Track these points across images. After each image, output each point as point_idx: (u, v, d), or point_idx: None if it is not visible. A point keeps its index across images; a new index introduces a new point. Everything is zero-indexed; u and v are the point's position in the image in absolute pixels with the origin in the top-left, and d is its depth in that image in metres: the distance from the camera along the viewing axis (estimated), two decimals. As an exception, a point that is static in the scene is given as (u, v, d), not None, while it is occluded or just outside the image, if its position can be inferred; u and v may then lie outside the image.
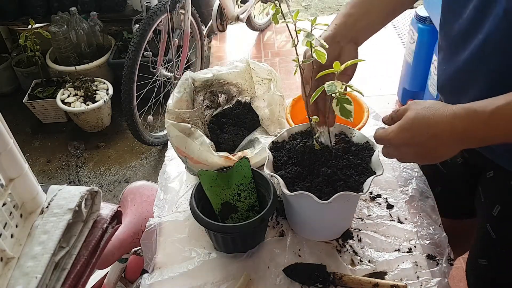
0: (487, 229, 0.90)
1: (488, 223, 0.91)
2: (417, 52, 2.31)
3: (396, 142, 0.73)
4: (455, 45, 0.83)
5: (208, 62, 3.26)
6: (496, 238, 0.89)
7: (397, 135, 0.71)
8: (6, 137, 0.68)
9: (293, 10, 0.76)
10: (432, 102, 0.70)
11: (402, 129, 0.71)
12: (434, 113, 0.68)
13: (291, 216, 0.91)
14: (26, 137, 2.74)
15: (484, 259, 0.94)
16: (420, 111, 0.69)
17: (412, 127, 0.70)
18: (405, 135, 0.71)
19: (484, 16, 0.73)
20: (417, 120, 0.69)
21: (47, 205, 0.77)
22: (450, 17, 0.84)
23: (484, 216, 0.93)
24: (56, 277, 0.70)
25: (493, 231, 0.89)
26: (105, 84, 2.69)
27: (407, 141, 0.71)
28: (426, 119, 0.68)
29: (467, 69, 0.80)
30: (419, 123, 0.69)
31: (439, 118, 0.67)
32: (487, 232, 0.90)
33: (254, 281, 0.84)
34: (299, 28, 0.75)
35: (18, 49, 3.02)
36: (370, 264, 0.85)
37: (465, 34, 0.79)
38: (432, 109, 0.69)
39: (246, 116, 1.10)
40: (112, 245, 1.06)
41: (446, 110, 0.67)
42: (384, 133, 0.74)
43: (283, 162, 0.85)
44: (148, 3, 2.42)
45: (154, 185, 1.25)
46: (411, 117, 0.70)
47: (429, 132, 0.68)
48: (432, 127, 0.67)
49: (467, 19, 0.77)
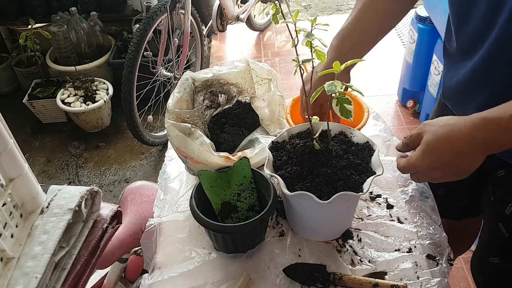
0: (498, 228, 0.90)
1: (500, 222, 0.90)
2: (417, 52, 2.31)
3: (423, 168, 0.73)
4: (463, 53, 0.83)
5: (208, 62, 3.26)
6: (510, 236, 0.89)
7: (423, 162, 0.72)
8: (6, 137, 0.68)
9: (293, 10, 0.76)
10: (445, 119, 0.70)
11: (425, 154, 0.71)
12: (452, 129, 0.68)
13: (291, 216, 0.91)
14: (26, 137, 2.74)
15: (496, 257, 0.94)
16: (437, 131, 0.69)
17: (434, 150, 0.70)
18: (429, 160, 0.71)
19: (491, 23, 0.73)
20: (437, 141, 0.69)
21: (47, 205, 0.77)
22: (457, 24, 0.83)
23: (495, 215, 0.92)
24: (56, 277, 0.70)
25: (506, 230, 0.89)
26: (105, 84, 2.69)
27: (434, 164, 0.71)
28: (446, 138, 0.68)
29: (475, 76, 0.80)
30: (441, 144, 0.69)
31: (458, 134, 0.67)
32: (499, 231, 0.90)
33: (254, 281, 0.84)
34: (299, 28, 0.75)
35: (18, 49, 3.02)
36: (370, 264, 0.85)
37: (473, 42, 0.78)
38: (448, 126, 0.69)
39: (246, 116, 1.10)
40: (112, 245, 1.06)
41: (463, 124, 0.67)
42: (408, 163, 0.74)
43: (283, 162, 0.85)
44: (148, 3, 2.41)
45: (154, 185, 1.24)
46: (430, 140, 0.70)
47: (452, 150, 0.68)
48: (454, 144, 0.67)
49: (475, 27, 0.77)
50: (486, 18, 0.73)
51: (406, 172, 0.78)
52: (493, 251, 0.95)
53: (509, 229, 0.89)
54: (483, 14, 0.74)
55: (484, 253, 0.98)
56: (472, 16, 0.77)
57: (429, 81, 2.26)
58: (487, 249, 0.97)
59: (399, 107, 2.68)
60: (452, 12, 0.84)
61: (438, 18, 1.96)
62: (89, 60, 2.79)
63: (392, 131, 1.17)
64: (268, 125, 1.09)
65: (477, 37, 0.77)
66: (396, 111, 2.66)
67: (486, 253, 0.97)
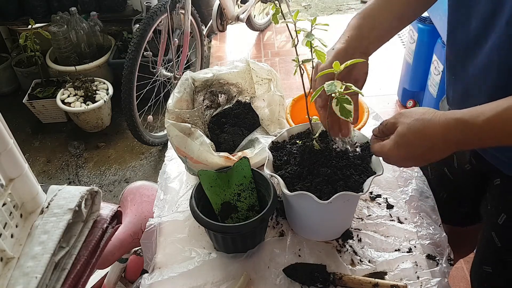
0: (492, 237, 0.90)
1: (493, 231, 0.90)
2: (417, 52, 2.31)
3: (395, 158, 0.74)
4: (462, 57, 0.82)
5: (208, 62, 3.26)
6: (501, 246, 0.89)
7: (394, 152, 0.73)
8: (6, 137, 0.68)
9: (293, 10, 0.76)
10: (420, 112, 0.70)
11: (398, 145, 0.72)
12: (426, 125, 0.68)
13: (291, 216, 0.91)
14: (26, 137, 2.74)
15: (488, 266, 0.94)
16: (411, 124, 0.70)
17: (407, 143, 0.71)
18: (402, 151, 0.72)
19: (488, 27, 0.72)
20: (411, 134, 0.70)
21: (47, 205, 0.77)
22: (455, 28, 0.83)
23: (490, 223, 0.93)
24: (56, 277, 0.70)
25: (498, 239, 0.89)
26: (105, 84, 2.69)
27: (406, 156, 0.72)
28: (419, 133, 0.69)
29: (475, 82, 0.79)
30: (414, 138, 0.70)
31: (432, 131, 0.68)
32: (492, 240, 0.90)
33: (254, 281, 0.84)
34: (299, 28, 0.75)
35: (18, 49, 3.01)
36: (370, 264, 0.85)
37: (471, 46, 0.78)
38: (423, 121, 0.69)
39: (246, 116, 1.10)
40: (112, 245, 1.06)
41: (438, 121, 0.67)
42: (381, 149, 0.76)
43: (283, 162, 0.85)
44: (148, 3, 2.41)
45: (154, 185, 1.24)
46: (404, 133, 0.71)
47: (426, 145, 0.69)
48: (427, 140, 0.68)
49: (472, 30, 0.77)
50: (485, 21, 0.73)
51: (379, 156, 0.79)
52: (486, 260, 0.95)
53: (501, 239, 0.89)
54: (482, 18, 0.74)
55: (478, 261, 0.99)
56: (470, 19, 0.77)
57: (429, 81, 2.26)
58: (481, 257, 0.98)
59: (399, 107, 2.68)
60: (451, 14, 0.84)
61: (438, 18, 1.96)
62: (89, 60, 2.79)
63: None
64: (268, 125, 1.09)
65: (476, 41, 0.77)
66: (396, 111, 2.66)
67: (480, 261, 0.98)
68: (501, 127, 0.63)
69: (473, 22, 0.76)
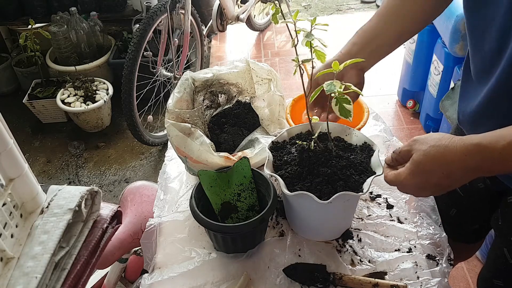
0: (504, 253, 0.89)
1: (505, 247, 0.89)
2: (417, 52, 2.31)
3: (411, 187, 0.72)
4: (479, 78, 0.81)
5: (208, 62, 3.26)
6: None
7: (410, 181, 0.70)
8: (6, 137, 0.68)
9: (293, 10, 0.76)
10: (436, 138, 0.68)
11: (414, 174, 0.69)
12: (443, 152, 0.66)
13: (291, 216, 0.91)
14: (26, 137, 2.74)
15: (500, 280, 0.93)
16: (428, 151, 0.67)
17: (424, 171, 0.68)
18: (418, 180, 0.69)
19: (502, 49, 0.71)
20: (428, 162, 0.67)
21: (47, 205, 0.77)
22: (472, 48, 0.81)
23: (502, 239, 0.92)
24: (56, 277, 0.70)
25: (510, 255, 0.88)
26: (105, 84, 2.69)
27: (422, 185, 0.70)
28: (437, 160, 0.66)
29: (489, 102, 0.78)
30: (431, 166, 0.67)
31: (450, 158, 0.65)
32: (504, 256, 0.89)
33: (254, 281, 0.84)
34: (299, 28, 0.75)
35: (18, 49, 3.01)
36: (370, 264, 0.85)
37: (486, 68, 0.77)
38: (440, 147, 0.66)
39: (246, 116, 1.10)
40: (112, 245, 1.06)
41: (455, 147, 0.65)
42: (395, 179, 0.73)
43: (283, 162, 0.85)
44: (148, 3, 2.41)
45: (154, 185, 1.25)
46: (421, 160, 0.68)
47: (443, 173, 0.66)
48: (445, 167, 0.66)
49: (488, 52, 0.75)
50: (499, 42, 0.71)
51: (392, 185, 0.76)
52: (497, 273, 0.94)
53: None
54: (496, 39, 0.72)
55: (489, 273, 0.98)
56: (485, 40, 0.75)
57: (429, 81, 2.26)
58: (492, 270, 0.96)
59: (399, 107, 2.68)
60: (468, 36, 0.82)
61: (438, 18, 1.96)
62: (89, 60, 2.79)
63: (392, 131, 1.17)
64: (268, 125, 1.09)
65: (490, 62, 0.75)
66: (396, 111, 2.66)
67: (491, 273, 0.97)
68: None
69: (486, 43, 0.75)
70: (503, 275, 0.93)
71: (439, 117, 2.25)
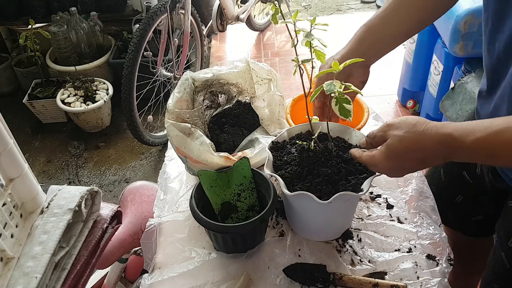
0: (501, 257, 0.89)
1: (503, 252, 0.89)
2: (417, 52, 2.31)
3: (385, 169, 0.74)
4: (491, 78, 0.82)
5: (208, 62, 3.26)
6: (510, 268, 0.88)
7: (385, 165, 0.73)
8: (6, 137, 0.68)
9: (293, 10, 0.76)
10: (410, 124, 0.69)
11: (388, 158, 0.71)
12: (419, 138, 0.67)
13: (291, 216, 0.91)
14: (26, 137, 2.74)
15: (497, 284, 0.93)
16: (402, 137, 0.69)
17: (398, 156, 0.70)
18: (392, 163, 0.72)
19: None
20: (402, 148, 0.69)
21: (47, 205, 0.77)
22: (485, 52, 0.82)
23: (501, 243, 0.92)
24: (56, 277, 0.70)
25: (508, 261, 0.88)
26: (105, 84, 2.69)
27: (395, 167, 0.73)
28: (411, 146, 0.68)
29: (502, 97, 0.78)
30: (405, 151, 0.69)
31: (424, 144, 0.67)
32: (502, 260, 0.89)
33: (254, 281, 0.84)
34: (299, 28, 0.75)
35: (18, 49, 3.01)
36: (370, 264, 0.85)
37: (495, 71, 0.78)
38: (414, 133, 0.68)
39: (246, 116, 1.10)
40: (112, 245, 1.06)
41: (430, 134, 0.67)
42: (371, 161, 0.75)
43: (283, 162, 0.85)
44: (148, 3, 2.41)
45: (154, 185, 1.25)
46: (395, 146, 0.70)
47: (416, 158, 0.69)
48: (419, 153, 0.68)
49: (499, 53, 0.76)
50: None
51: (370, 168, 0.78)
52: (495, 277, 0.94)
53: (510, 261, 0.88)
54: None
55: (488, 277, 0.97)
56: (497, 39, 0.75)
57: (429, 81, 2.26)
58: (491, 274, 0.96)
59: (399, 107, 2.68)
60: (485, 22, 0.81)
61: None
62: (89, 60, 2.79)
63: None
64: (268, 125, 1.09)
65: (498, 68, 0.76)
66: (396, 111, 2.66)
67: (489, 277, 0.96)
68: (488, 150, 0.63)
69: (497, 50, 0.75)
70: (500, 279, 0.93)
71: (439, 117, 2.25)
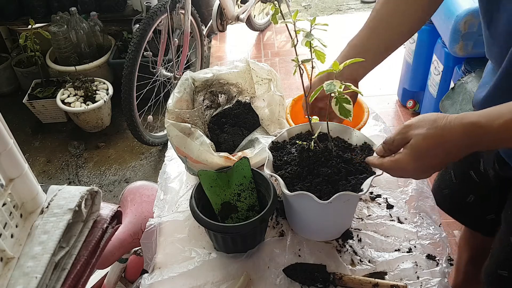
0: (510, 242, 0.89)
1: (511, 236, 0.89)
2: (417, 52, 2.31)
3: (412, 172, 0.72)
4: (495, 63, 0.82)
5: (208, 62, 3.26)
6: None
7: (412, 166, 0.71)
8: (6, 137, 0.68)
9: (293, 10, 0.76)
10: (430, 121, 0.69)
11: (415, 159, 0.70)
12: (443, 133, 0.67)
13: (291, 216, 0.91)
14: (26, 137, 2.74)
15: (505, 270, 0.93)
16: (427, 135, 0.68)
17: (425, 155, 0.69)
18: (419, 164, 0.70)
19: None
20: (429, 146, 0.68)
21: (47, 205, 0.77)
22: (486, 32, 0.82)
23: (509, 229, 0.91)
24: (56, 277, 0.70)
25: None
26: (105, 84, 2.69)
27: (423, 167, 0.71)
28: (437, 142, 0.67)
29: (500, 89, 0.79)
30: (432, 149, 0.68)
31: (449, 138, 0.66)
32: (510, 245, 0.89)
33: (254, 281, 0.84)
34: (299, 28, 0.75)
35: (18, 49, 3.01)
36: (370, 264, 0.85)
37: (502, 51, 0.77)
38: (437, 129, 0.67)
39: (246, 116, 1.10)
40: (112, 245, 1.06)
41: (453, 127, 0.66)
42: (395, 166, 0.73)
43: (283, 162, 0.85)
44: (148, 3, 2.41)
45: (154, 185, 1.25)
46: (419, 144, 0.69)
47: (442, 153, 0.68)
48: (445, 148, 0.67)
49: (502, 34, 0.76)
50: None
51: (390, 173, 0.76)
52: (502, 264, 0.94)
53: None
54: None
55: (494, 264, 0.97)
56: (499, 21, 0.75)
57: (429, 81, 2.26)
58: (496, 260, 0.96)
59: (399, 107, 2.68)
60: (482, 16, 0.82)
61: (438, 18, 1.96)
62: (89, 60, 2.79)
63: (392, 131, 1.17)
64: (268, 125, 1.09)
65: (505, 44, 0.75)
66: (396, 111, 2.66)
67: (495, 264, 0.96)
68: None
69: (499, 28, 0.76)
70: (508, 264, 0.92)
71: (439, 117, 2.25)
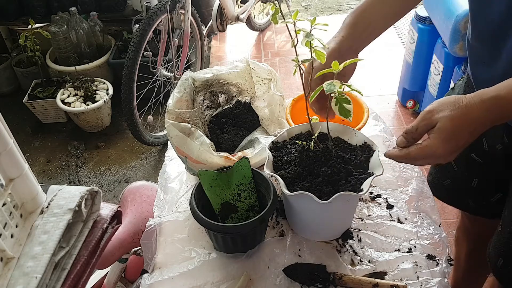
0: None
1: None
2: (417, 52, 2.31)
3: (444, 155, 0.72)
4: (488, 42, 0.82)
5: (208, 62, 3.26)
6: None
7: (444, 148, 0.70)
8: (6, 137, 0.68)
9: (293, 10, 0.76)
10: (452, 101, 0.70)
11: (445, 141, 0.70)
12: (467, 112, 0.68)
13: (291, 216, 0.91)
14: (26, 137, 2.74)
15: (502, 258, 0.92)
16: (452, 116, 0.69)
17: (454, 136, 0.69)
18: (450, 146, 0.70)
19: None
20: (456, 126, 0.69)
21: (47, 205, 0.77)
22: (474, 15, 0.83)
23: None
24: (56, 277, 0.70)
25: None
26: (105, 84, 2.69)
27: (453, 149, 0.71)
28: (463, 122, 0.68)
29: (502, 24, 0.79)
30: (459, 128, 0.69)
31: (473, 116, 0.68)
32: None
33: (254, 281, 0.84)
34: (299, 28, 0.75)
35: (18, 49, 3.01)
36: (370, 264, 0.85)
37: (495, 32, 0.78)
38: (461, 108, 0.68)
39: (246, 116, 1.10)
40: (112, 245, 1.06)
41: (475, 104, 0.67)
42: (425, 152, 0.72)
43: (283, 162, 0.85)
44: (148, 3, 2.41)
45: (154, 185, 1.25)
46: (448, 127, 0.69)
47: (469, 131, 0.69)
48: (471, 126, 0.68)
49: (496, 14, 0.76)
50: None
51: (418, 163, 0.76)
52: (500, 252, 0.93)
53: None
54: None
55: (507, 236, 0.95)
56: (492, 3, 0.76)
57: (429, 81, 2.26)
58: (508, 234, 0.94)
59: (399, 107, 2.68)
60: None
61: (438, 18, 1.96)
62: (89, 60, 2.79)
63: (392, 131, 1.17)
64: (268, 125, 1.09)
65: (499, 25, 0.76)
66: (396, 111, 2.66)
67: (509, 235, 0.94)
68: None
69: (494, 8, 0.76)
70: None
71: (439, 117, 2.25)
